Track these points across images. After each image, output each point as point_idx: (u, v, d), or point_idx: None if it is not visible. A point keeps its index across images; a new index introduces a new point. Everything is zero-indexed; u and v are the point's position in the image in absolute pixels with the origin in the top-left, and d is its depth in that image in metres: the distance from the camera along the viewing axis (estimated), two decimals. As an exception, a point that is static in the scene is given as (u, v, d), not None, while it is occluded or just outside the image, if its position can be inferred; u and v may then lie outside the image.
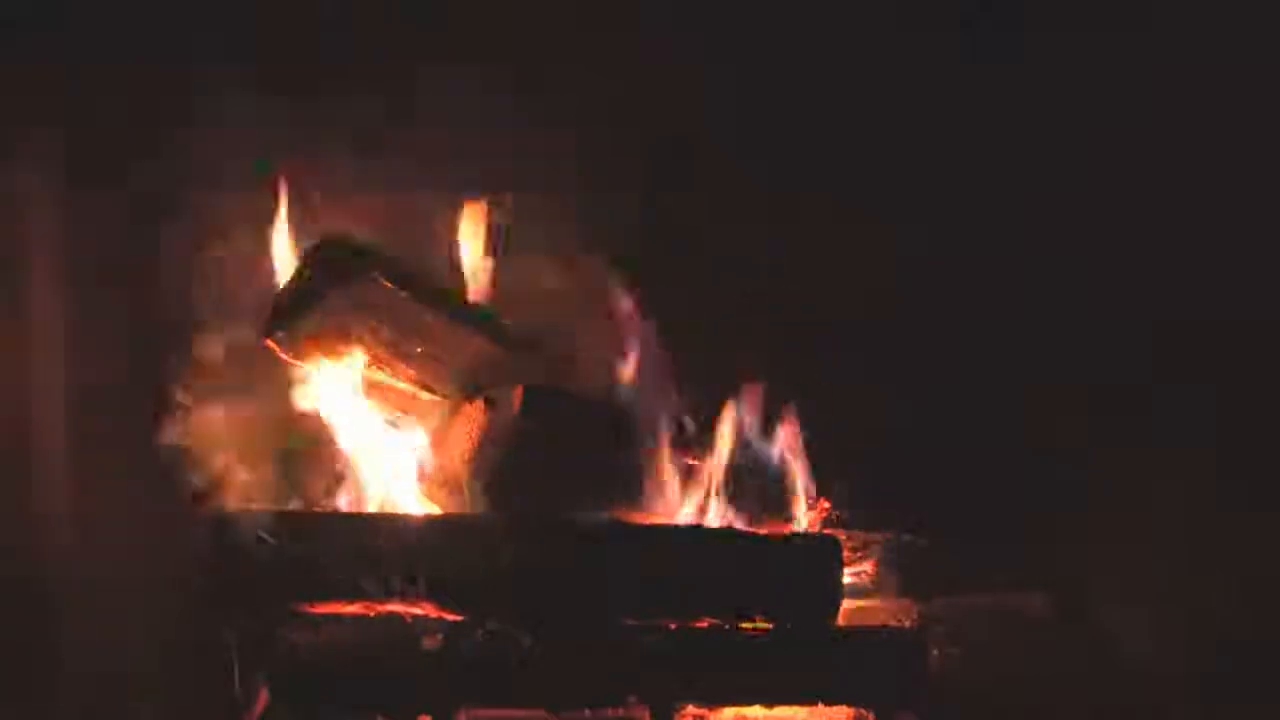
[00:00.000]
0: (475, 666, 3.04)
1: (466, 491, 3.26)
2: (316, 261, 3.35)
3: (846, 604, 3.24)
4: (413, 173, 3.63)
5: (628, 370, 3.41)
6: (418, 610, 3.07)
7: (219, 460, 3.34)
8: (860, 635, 3.23)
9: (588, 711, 3.08)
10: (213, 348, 3.43)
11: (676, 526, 3.29)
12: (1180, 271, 3.70)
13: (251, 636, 3.04)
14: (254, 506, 3.18)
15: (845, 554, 3.28)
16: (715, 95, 3.79)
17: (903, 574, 3.44)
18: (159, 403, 3.42)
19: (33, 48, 3.54)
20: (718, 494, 3.37)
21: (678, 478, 3.34)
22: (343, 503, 3.33)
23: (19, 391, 3.54)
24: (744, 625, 3.18)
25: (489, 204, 3.57)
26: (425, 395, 3.42)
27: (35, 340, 3.55)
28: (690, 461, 3.39)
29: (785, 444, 3.43)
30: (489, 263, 3.56)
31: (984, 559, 3.51)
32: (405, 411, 3.42)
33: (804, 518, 3.42)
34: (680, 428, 3.37)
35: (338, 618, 3.06)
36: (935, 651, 3.25)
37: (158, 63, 3.60)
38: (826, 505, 3.45)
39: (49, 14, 3.56)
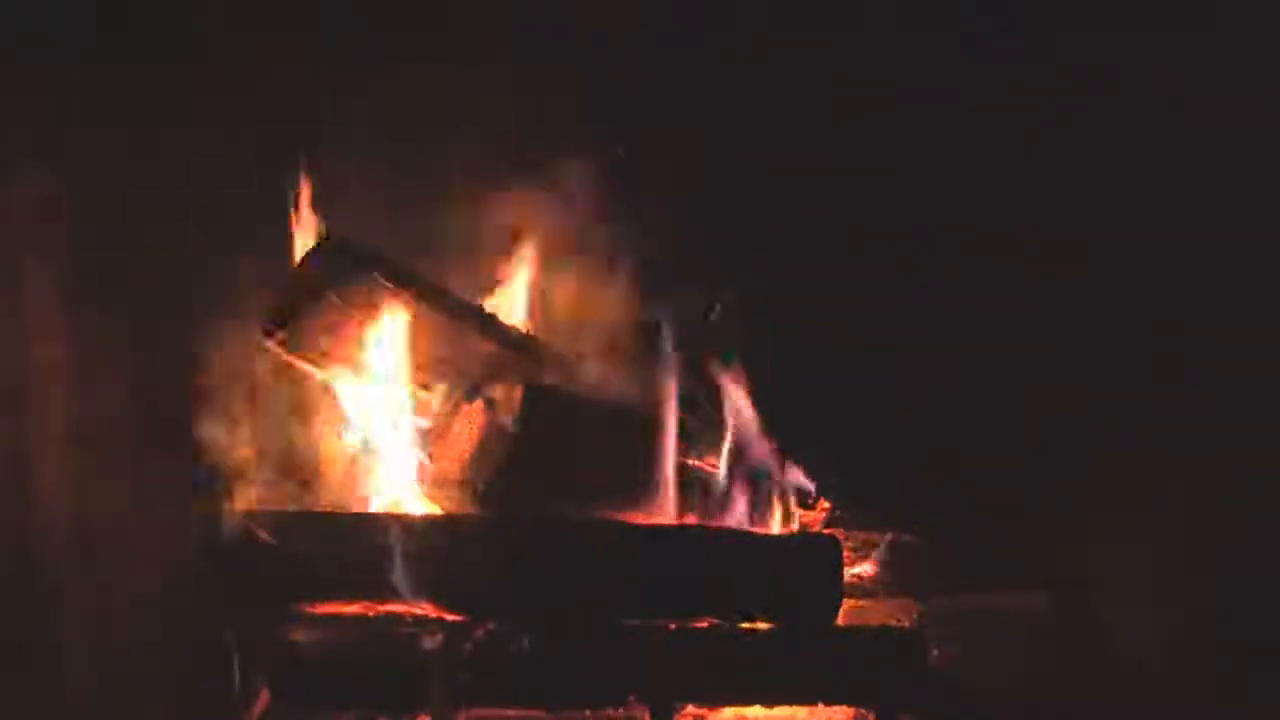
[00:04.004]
0: (475, 666, 3.04)
1: (466, 491, 3.26)
2: (317, 261, 3.36)
3: (846, 604, 3.25)
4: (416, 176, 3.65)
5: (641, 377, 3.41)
6: (418, 610, 3.07)
7: (219, 459, 3.34)
8: (860, 635, 3.23)
9: (588, 711, 3.08)
10: (213, 347, 3.43)
11: (676, 526, 3.29)
12: (1181, 271, 3.70)
13: (251, 636, 3.04)
14: (254, 506, 3.18)
15: (845, 554, 3.28)
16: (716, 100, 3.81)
17: (903, 574, 3.44)
18: (160, 403, 3.42)
19: (33, 48, 3.54)
20: (718, 494, 3.37)
21: (678, 478, 3.34)
22: (343, 502, 3.33)
23: (19, 391, 3.54)
24: (744, 625, 3.18)
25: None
26: (425, 395, 3.42)
27: (35, 340, 3.55)
28: (691, 462, 3.39)
29: (785, 444, 3.43)
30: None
31: (984, 559, 3.51)
32: (405, 411, 3.42)
33: (803, 518, 3.43)
34: (682, 428, 3.37)
35: (338, 618, 3.06)
36: (935, 651, 3.25)
37: (157, 62, 3.61)
38: (826, 505, 3.45)
39: (49, 14, 3.56)
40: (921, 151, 3.81)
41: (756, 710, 3.16)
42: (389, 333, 3.35)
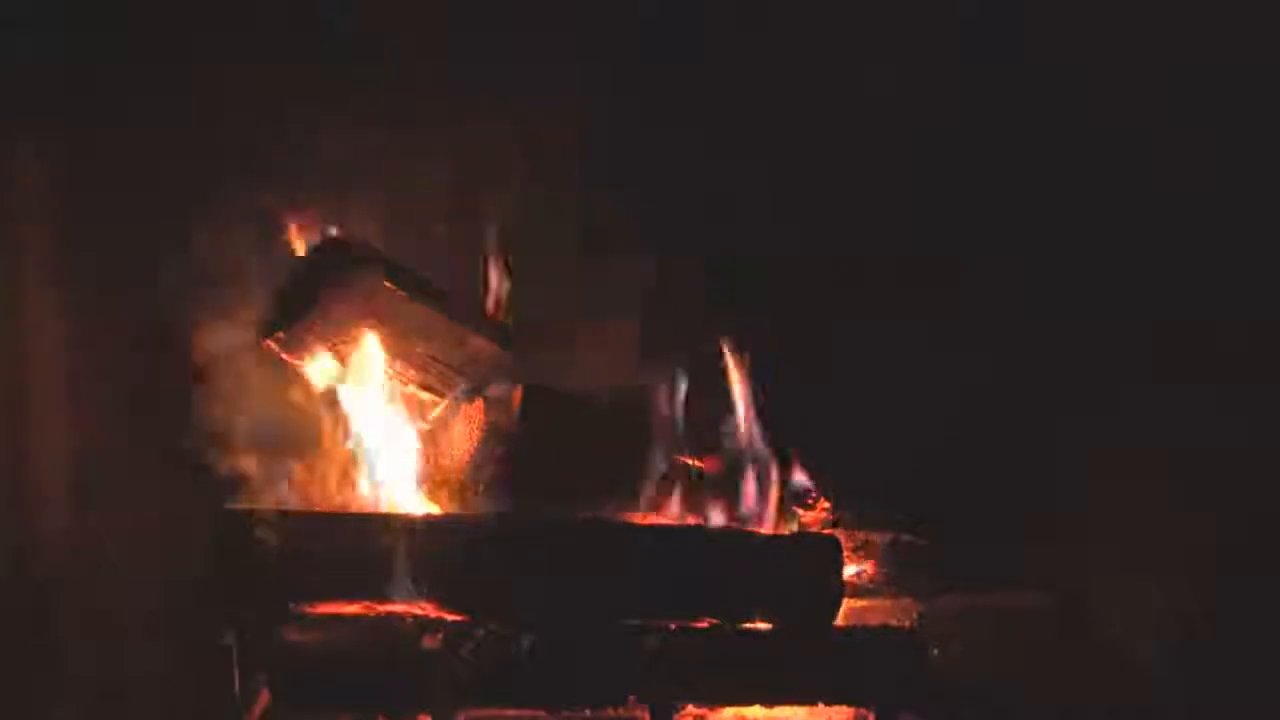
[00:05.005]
0: (475, 666, 3.04)
1: (467, 491, 3.26)
2: (316, 262, 3.36)
3: (846, 604, 3.24)
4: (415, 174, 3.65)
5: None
6: (418, 610, 3.07)
7: (219, 459, 3.34)
8: (860, 635, 3.23)
9: (588, 711, 3.08)
10: (213, 347, 3.43)
11: (676, 526, 3.29)
12: (1181, 270, 3.70)
13: (251, 636, 3.04)
14: (254, 505, 3.18)
15: (845, 554, 3.28)
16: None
17: (903, 574, 3.44)
18: (159, 402, 3.42)
19: (33, 48, 3.54)
20: (718, 494, 3.37)
21: (678, 478, 3.34)
22: (343, 502, 3.33)
23: (19, 391, 3.54)
24: (744, 625, 3.18)
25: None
26: (425, 395, 3.42)
27: (35, 340, 3.55)
28: (691, 461, 3.39)
29: (786, 443, 3.43)
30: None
31: (984, 559, 3.51)
32: (405, 411, 3.42)
33: (803, 518, 3.43)
34: (681, 428, 3.37)
35: (338, 618, 3.06)
36: (935, 651, 3.25)
37: (159, 63, 3.61)
38: (826, 505, 3.45)
39: (49, 14, 3.56)
40: (921, 149, 3.81)
41: (756, 710, 3.15)
42: (388, 333, 3.35)
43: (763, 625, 3.18)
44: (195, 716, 3.28)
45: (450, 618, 3.08)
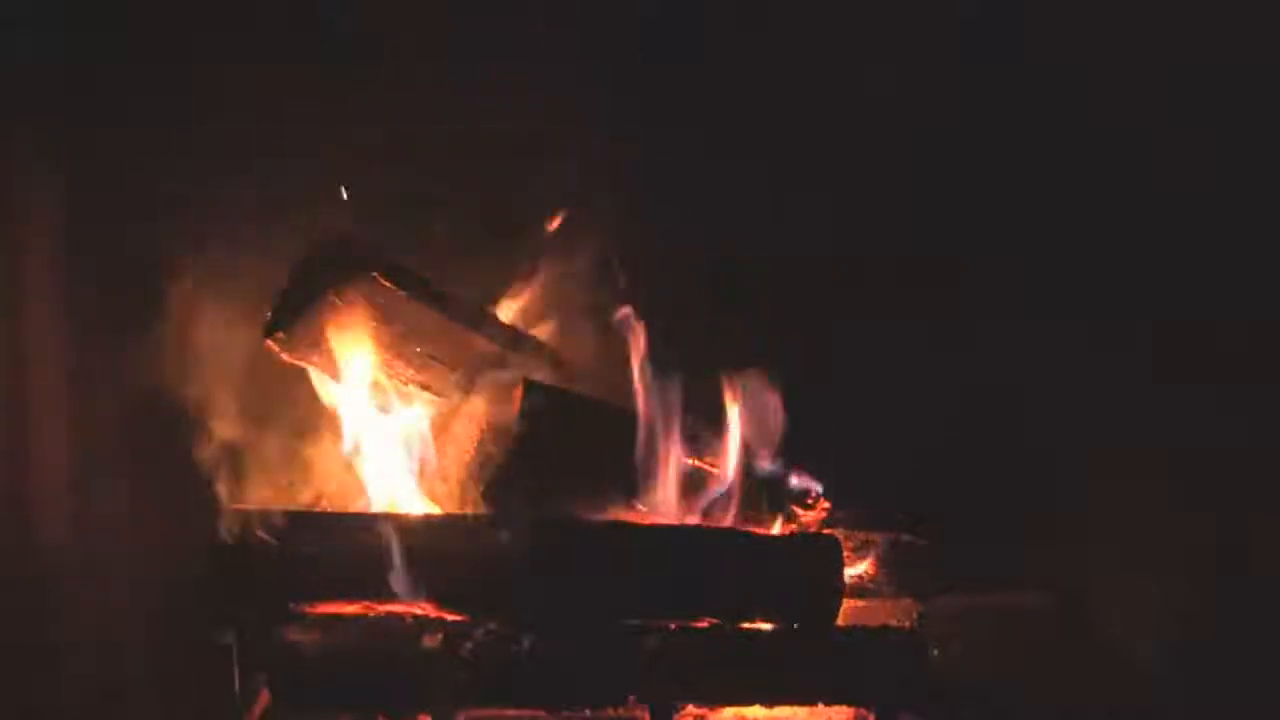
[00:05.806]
0: (475, 666, 3.04)
1: (467, 491, 3.26)
2: (316, 261, 3.36)
3: (846, 604, 3.25)
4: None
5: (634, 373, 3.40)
6: (418, 610, 3.07)
7: (219, 459, 3.34)
8: (860, 635, 3.23)
9: (588, 711, 3.08)
10: (214, 347, 3.43)
11: (676, 526, 3.29)
12: (1181, 270, 3.70)
13: (251, 636, 3.04)
14: (255, 505, 3.18)
15: (845, 554, 3.28)
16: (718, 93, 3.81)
17: (903, 574, 3.44)
18: (159, 402, 3.42)
19: (33, 48, 3.54)
20: (718, 493, 3.37)
21: (678, 477, 3.34)
22: (343, 502, 3.33)
23: (18, 391, 3.54)
24: (744, 625, 3.18)
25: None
26: (425, 395, 3.42)
27: (34, 340, 3.55)
28: (691, 461, 3.39)
29: (785, 443, 3.43)
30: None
31: (984, 559, 3.51)
32: (405, 411, 3.42)
33: (803, 518, 3.43)
34: (681, 427, 3.37)
35: (338, 618, 3.06)
36: (935, 651, 3.25)
37: (159, 63, 3.61)
38: (826, 505, 3.45)
39: (49, 14, 3.56)
40: (921, 149, 3.81)
41: (756, 710, 3.16)
42: (388, 333, 3.35)
43: (763, 625, 3.18)
44: (195, 716, 3.28)
45: (450, 618, 3.08)
